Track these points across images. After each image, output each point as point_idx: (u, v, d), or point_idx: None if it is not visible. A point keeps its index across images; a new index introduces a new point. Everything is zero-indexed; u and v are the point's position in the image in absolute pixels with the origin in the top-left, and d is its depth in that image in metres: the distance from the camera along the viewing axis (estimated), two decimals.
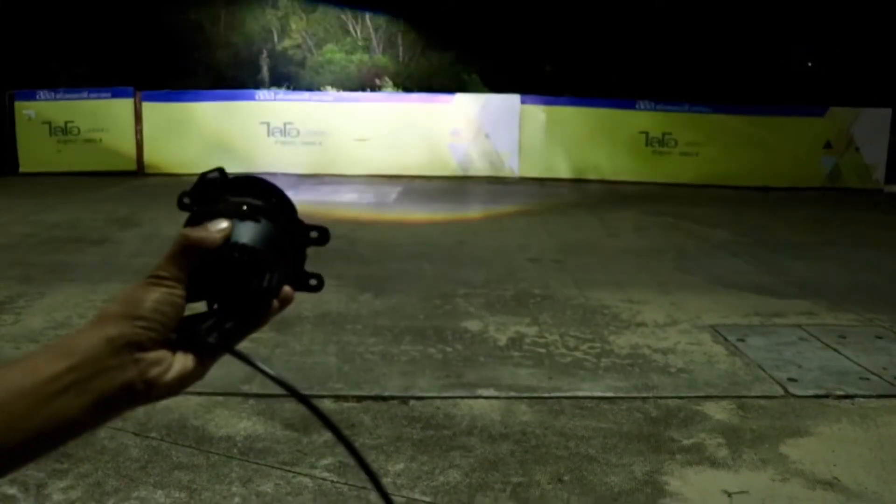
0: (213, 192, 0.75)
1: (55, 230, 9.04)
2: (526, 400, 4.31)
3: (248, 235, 0.73)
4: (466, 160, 14.89)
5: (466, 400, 4.29)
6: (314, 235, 0.78)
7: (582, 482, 3.43)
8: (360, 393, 4.35)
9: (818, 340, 5.41)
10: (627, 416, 4.13)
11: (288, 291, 0.76)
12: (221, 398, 4.16)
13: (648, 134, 14.76)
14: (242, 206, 0.74)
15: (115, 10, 20.50)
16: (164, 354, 0.69)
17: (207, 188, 0.75)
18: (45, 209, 10.46)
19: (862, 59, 19.14)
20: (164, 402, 3.74)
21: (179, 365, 0.71)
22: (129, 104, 14.82)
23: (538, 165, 14.79)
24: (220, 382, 4.29)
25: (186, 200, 0.76)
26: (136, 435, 3.74)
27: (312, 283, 0.79)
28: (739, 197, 13.32)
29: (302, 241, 0.78)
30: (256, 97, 15.27)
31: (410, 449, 3.70)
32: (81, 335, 0.67)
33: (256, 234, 0.73)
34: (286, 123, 14.91)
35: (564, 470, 3.53)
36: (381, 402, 4.25)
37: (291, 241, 0.77)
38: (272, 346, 5.03)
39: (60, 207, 10.64)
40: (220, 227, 0.72)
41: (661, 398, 4.37)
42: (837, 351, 5.19)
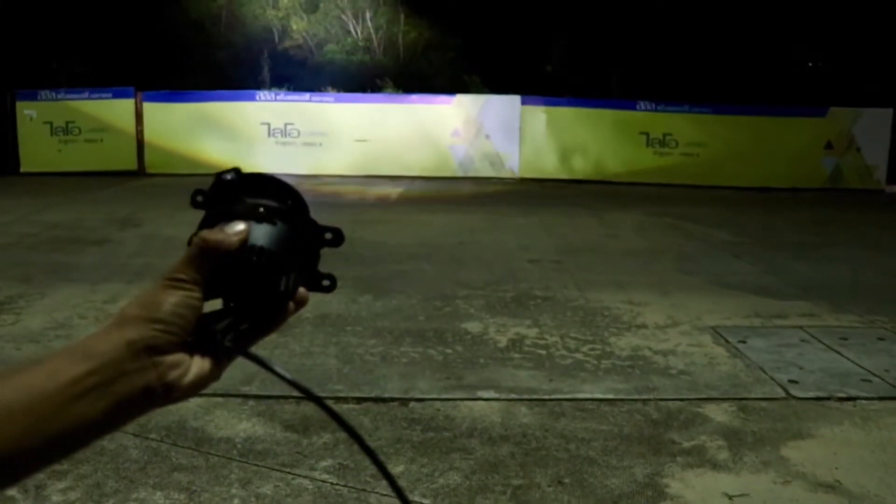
0: (228, 192, 0.75)
1: (56, 230, 9.04)
2: (526, 402, 4.30)
3: (264, 238, 0.73)
4: (467, 161, 14.89)
5: (467, 402, 4.28)
6: (328, 237, 0.78)
7: (582, 484, 3.42)
8: (360, 395, 4.34)
9: (819, 342, 5.40)
10: (628, 418, 4.11)
11: (303, 293, 0.77)
12: (221, 399, 4.15)
13: (649, 134, 14.75)
14: (259, 207, 0.74)
15: (115, 10, 20.50)
16: (182, 357, 0.70)
17: (223, 188, 0.75)
18: (45, 209, 10.45)
19: (863, 59, 19.13)
20: None
21: (197, 367, 0.71)
22: (129, 104, 14.83)
23: (538, 166, 14.78)
24: (219, 384, 4.24)
25: (200, 199, 0.76)
26: (135, 436, 3.73)
27: (325, 283, 0.79)
28: (740, 198, 13.31)
29: (316, 242, 0.78)
30: (257, 98, 15.27)
31: (410, 451, 3.69)
32: (101, 338, 0.68)
33: (273, 236, 0.73)
34: (287, 124, 14.91)
35: (565, 472, 3.52)
36: (381, 403, 4.24)
37: (306, 242, 0.77)
38: (272, 347, 5.01)
39: (61, 207, 10.64)
40: (237, 229, 0.72)
41: (661, 400, 4.36)
42: (839, 353, 5.18)
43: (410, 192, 13.10)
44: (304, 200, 0.78)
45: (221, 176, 0.75)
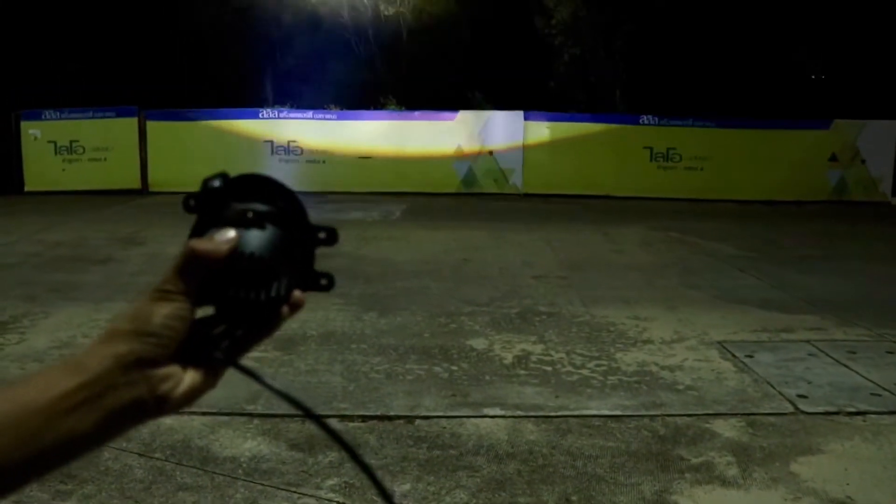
0: (217, 198, 0.74)
1: (59, 249, 9.04)
2: (532, 419, 4.26)
3: (254, 243, 0.72)
4: (470, 177, 14.88)
5: (472, 419, 4.25)
6: (322, 236, 0.77)
7: (590, 502, 3.38)
8: (365, 413, 4.31)
9: (828, 356, 5.36)
10: (635, 434, 4.08)
11: (298, 296, 0.76)
12: (226, 418, 4.13)
13: (653, 149, 14.74)
14: (248, 212, 0.73)
15: (119, 29, 20.62)
16: (174, 370, 0.70)
17: (212, 195, 0.74)
18: (49, 228, 10.46)
19: (866, 71, 19.15)
20: (168, 421, 3.70)
21: (189, 378, 0.71)
22: (133, 123, 14.87)
23: (542, 182, 14.76)
24: (224, 402, 4.26)
25: (192, 203, 0.74)
26: (140, 455, 3.70)
27: (323, 282, 0.78)
28: (745, 211, 13.29)
29: (310, 242, 0.77)
30: (260, 115, 15.30)
31: (416, 469, 3.66)
32: (92, 352, 0.68)
33: (263, 241, 0.72)
34: (290, 142, 14.93)
35: (572, 490, 3.48)
36: (386, 421, 4.21)
37: (299, 244, 0.75)
38: (277, 365, 5.00)
39: (65, 226, 10.65)
40: (226, 237, 0.71)
41: (669, 416, 4.32)
42: (848, 366, 5.14)
43: (414, 208, 13.09)
44: (297, 200, 0.76)
45: (208, 182, 0.74)
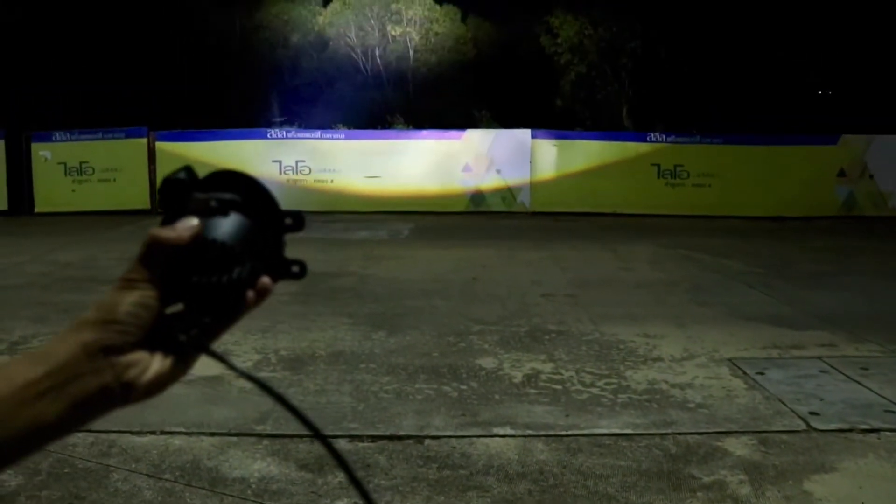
0: (181, 190, 0.76)
1: (69, 269, 9.07)
2: (543, 438, 4.24)
3: (217, 231, 0.73)
4: (478, 196, 14.91)
5: (483, 439, 4.22)
6: (289, 222, 0.78)
7: None
8: (374, 433, 4.29)
9: (840, 373, 5.32)
10: (646, 453, 4.05)
11: (265, 282, 0.76)
12: (235, 439, 4.12)
13: (660, 166, 14.74)
14: (210, 201, 0.75)
15: (129, 51, 20.79)
16: (140, 356, 0.71)
17: (175, 188, 0.76)
18: (59, 249, 10.51)
19: (873, 86, 19.15)
20: (177, 442, 3.69)
21: (157, 365, 0.72)
22: (142, 144, 14.96)
23: (550, 200, 14.77)
24: (233, 423, 4.26)
25: (158, 197, 0.77)
26: (149, 476, 3.69)
27: (295, 269, 0.79)
28: (754, 227, 13.25)
29: (277, 229, 0.78)
30: (268, 135, 15.39)
31: (426, 489, 3.64)
32: (58, 342, 0.70)
33: (226, 228, 0.74)
34: (298, 161, 15.00)
35: None
36: (396, 441, 4.19)
37: (265, 231, 0.77)
38: (286, 385, 4.99)
39: (74, 247, 10.69)
40: (189, 224, 0.73)
41: (680, 434, 4.29)
42: (860, 383, 5.10)
43: (422, 227, 13.11)
44: (263, 188, 0.78)
45: (169, 177, 0.76)
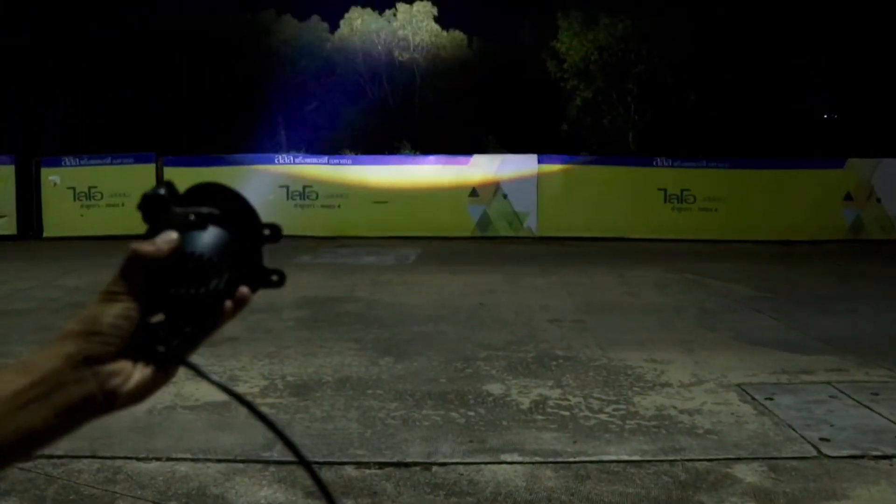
0: (161, 205, 0.78)
1: (77, 294, 9.09)
2: (551, 465, 4.21)
3: (195, 244, 0.76)
4: (485, 220, 14.93)
5: (490, 465, 4.20)
6: (267, 233, 0.81)
7: None
8: (381, 459, 4.27)
9: (850, 398, 5.28)
10: (655, 480, 4.02)
11: (244, 292, 0.80)
12: (241, 466, 4.10)
13: (667, 190, 14.76)
14: (188, 216, 0.77)
15: (137, 77, 20.96)
16: (123, 365, 0.74)
17: (155, 204, 0.78)
18: (67, 274, 10.54)
19: (879, 110, 19.17)
20: (183, 468, 3.67)
21: (139, 374, 0.75)
22: (150, 169, 15.06)
23: (557, 224, 14.79)
24: (240, 449, 4.24)
25: (139, 212, 0.79)
26: None
27: (274, 278, 0.82)
28: (761, 251, 13.22)
29: (255, 240, 0.81)
30: (276, 161, 15.46)
31: None
32: (42, 353, 0.73)
33: (204, 241, 0.77)
34: (305, 186, 15.06)
35: None
36: (403, 468, 4.17)
37: (243, 242, 0.80)
38: (293, 411, 4.97)
39: (82, 272, 10.72)
40: (168, 238, 0.76)
41: (689, 461, 4.26)
42: (871, 408, 5.06)
43: (429, 252, 13.12)
44: (242, 201, 0.81)
45: (147, 194, 0.78)
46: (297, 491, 3.86)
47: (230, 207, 0.80)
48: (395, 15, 28.69)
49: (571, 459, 4.28)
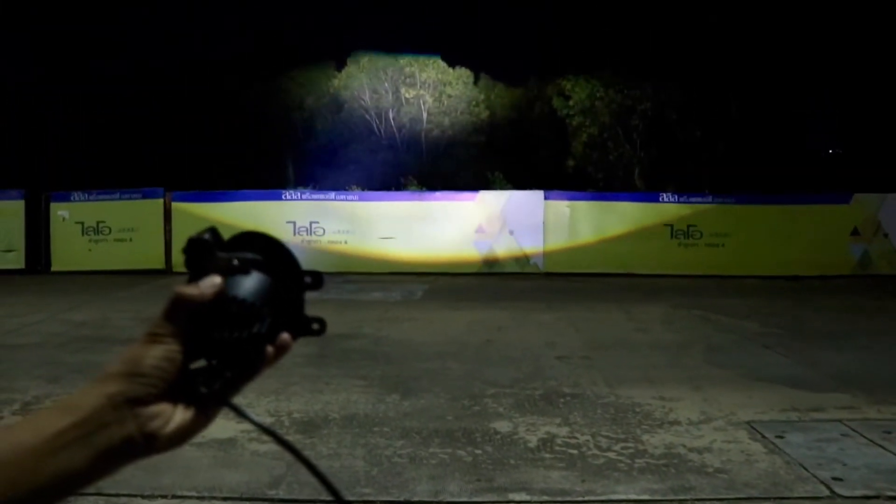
0: (206, 250, 0.79)
1: (83, 329, 9.09)
2: None
3: (239, 289, 0.77)
4: (491, 257, 14.92)
5: None
6: (308, 281, 0.82)
7: None
8: (388, 498, 4.23)
9: (862, 436, 5.23)
10: None
11: (285, 338, 0.80)
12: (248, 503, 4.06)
13: (673, 226, 14.75)
14: (232, 260, 0.78)
15: (146, 114, 21.17)
16: (163, 408, 0.74)
17: (199, 248, 0.79)
18: (74, 308, 10.55)
19: (884, 145, 19.22)
20: None
21: (179, 417, 0.75)
22: (158, 204, 15.14)
23: (563, 261, 14.78)
24: (245, 487, 4.21)
25: (184, 256, 0.80)
26: None
27: (315, 326, 0.83)
28: (768, 287, 13.18)
29: (297, 287, 0.81)
30: (283, 196, 15.53)
31: None
32: (84, 393, 0.73)
33: (247, 286, 0.77)
34: (312, 222, 15.10)
35: None
36: None
37: (285, 288, 0.80)
38: (299, 448, 4.93)
39: (90, 306, 10.73)
40: (211, 282, 0.76)
41: (699, 500, 4.21)
42: (883, 447, 5.00)
43: (436, 288, 13.11)
44: (284, 248, 0.82)
45: (193, 238, 0.79)
46: None
47: (272, 254, 0.81)
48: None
49: (580, 499, 4.24)
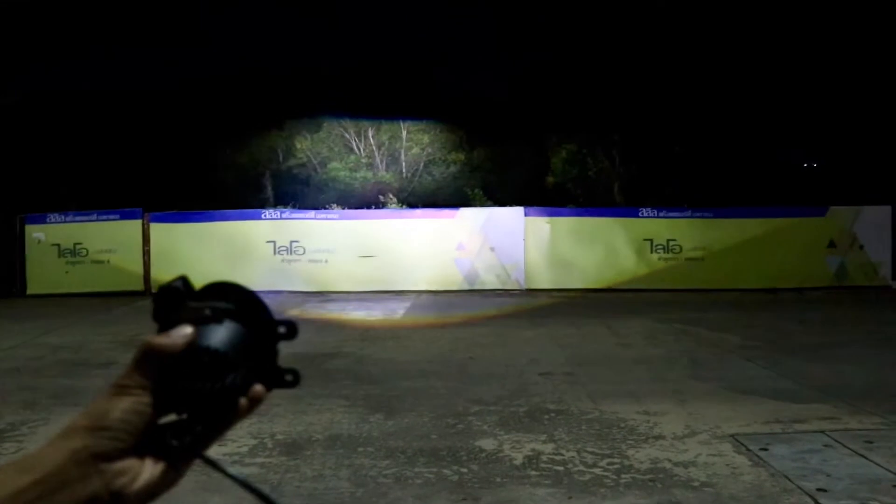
0: (176, 300, 0.77)
1: (61, 353, 8.98)
2: None
3: (211, 339, 0.74)
4: (472, 274, 14.90)
5: None
6: (282, 331, 0.79)
7: None
8: None
9: (844, 446, 5.25)
10: None
11: (258, 390, 0.77)
12: None
13: (653, 241, 14.82)
14: (204, 310, 0.76)
15: (123, 135, 21.05)
16: (131, 464, 0.70)
17: (170, 297, 0.77)
18: (51, 331, 10.42)
19: (859, 158, 19.46)
20: None
21: (148, 473, 0.71)
22: (137, 225, 15.01)
23: (544, 277, 14.79)
24: None
25: (152, 305, 0.78)
26: None
27: (288, 378, 0.80)
28: (748, 300, 13.26)
29: (271, 337, 0.79)
30: (262, 216, 15.46)
31: None
32: (47, 449, 0.69)
33: (219, 336, 0.75)
34: (292, 241, 15.03)
35: None
36: None
37: (258, 339, 0.78)
38: (283, 471, 4.88)
39: (67, 330, 10.60)
40: (183, 332, 0.74)
41: None
42: (865, 457, 5.03)
43: (417, 306, 13.08)
44: (257, 298, 0.79)
45: (164, 286, 0.78)
46: None
47: (245, 304, 0.78)
48: None
49: None
